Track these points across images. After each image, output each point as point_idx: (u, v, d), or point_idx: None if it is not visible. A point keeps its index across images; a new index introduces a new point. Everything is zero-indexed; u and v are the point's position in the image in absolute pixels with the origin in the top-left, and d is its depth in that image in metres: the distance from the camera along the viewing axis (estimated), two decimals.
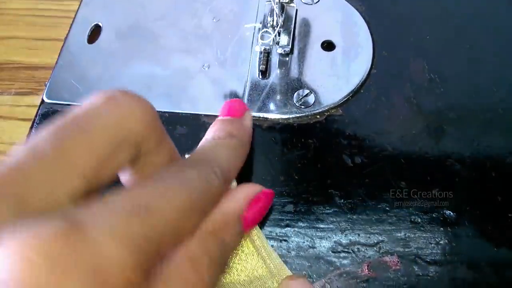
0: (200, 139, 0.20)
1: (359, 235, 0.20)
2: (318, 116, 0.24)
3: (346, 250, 0.20)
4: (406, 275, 0.19)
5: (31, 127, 0.24)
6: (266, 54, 0.26)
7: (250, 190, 0.19)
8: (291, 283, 0.19)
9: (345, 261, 0.20)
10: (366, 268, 0.20)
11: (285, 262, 0.20)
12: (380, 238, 0.20)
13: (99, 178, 0.14)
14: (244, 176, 0.21)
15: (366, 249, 0.20)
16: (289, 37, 0.26)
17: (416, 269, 0.20)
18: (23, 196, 0.13)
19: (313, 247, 0.20)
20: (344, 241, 0.20)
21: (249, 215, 0.19)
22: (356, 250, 0.20)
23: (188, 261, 0.16)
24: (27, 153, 0.13)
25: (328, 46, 0.26)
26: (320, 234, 0.21)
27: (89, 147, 0.14)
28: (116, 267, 0.13)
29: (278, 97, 0.25)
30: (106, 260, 0.12)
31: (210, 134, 0.21)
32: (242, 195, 0.19)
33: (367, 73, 0.25)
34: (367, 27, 0.27)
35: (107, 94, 0.16)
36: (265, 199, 0.20)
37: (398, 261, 0.20)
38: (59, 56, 0.26)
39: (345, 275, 0.20)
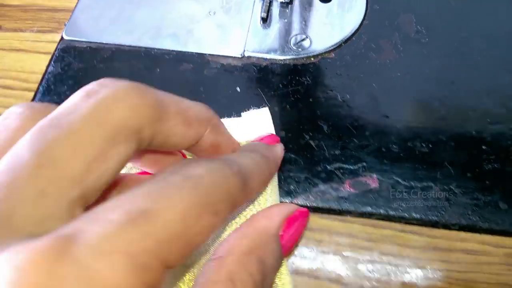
0: (204, 75, 0.22)
1: (344, 160, 0.23)
2: (312, 59, 0.26)
3: (331, 172, 0.22)
4: (383, 189, 0.22)
5: (51, 59, 0.26)
6: (268, 3, 0.28)
7: (285, 208, 0.18)
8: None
9: (329, 182, 0.22)
10: (348, 185, 0.22)
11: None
12: (364, 163, 0.23)
13: (97, 181, 0.12)
14: (242, 107, 0.23)
15: (349, 171, 0.22)
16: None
17: (393, 188, 0.22)
18: (9, 217, 0.11)
19: (302, 170, 0.23)
20: (329, 167, 0.23)
21: (287, 235, 0.18)
22: (339, 172, 0.22)
23: (229, 281, 0.15)
24: (6, 166, 0.11)
25: None
26: (309, 160, 0.23)
27: (74, 148, 0.12)
28: None
29: (277, 41, 0.27)
30: (99, 284, 0.10)
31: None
32: (278, 214, 0.18)
33: (359, 23, 0.27)
34: None
35: (86, 88, 0.13)
36: (302, 219, 0.18)
37: (376, 179, 0.22)
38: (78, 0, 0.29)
39: (327, 194, 0.22)
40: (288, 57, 0.26)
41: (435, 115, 0.24)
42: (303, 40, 0.27)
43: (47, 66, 0.26)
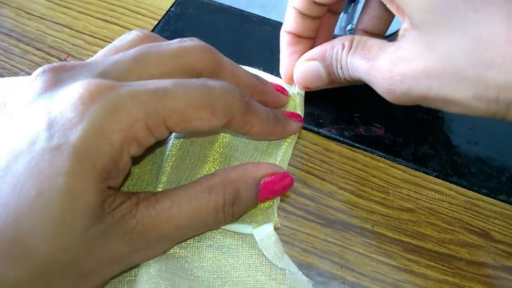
0: (278, 37, 0.31)
1: (363, 112, 0.30)
2: None
3: (352, 117, 0.30)
4: (387, 138, 0.29)
5: (174, 3, 0.37)
6: None
7: (275, 168, 0.24)
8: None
9: (349, 124, 0.30)
10: (361, 129, 0.30)
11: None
12: (378, 118, 0.30)
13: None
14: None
15: (365, 120, 0.30)
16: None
17: (396, 136, 0.29)
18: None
19: (331, 110, 0.31)
20: (352, 113, 0.30)
21: (266, 186, 0.23)
22: (357, 119, 0.30)
23: (208, 189, 0.22)
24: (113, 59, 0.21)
25: None
26: (339, 105, 0.31)
27: (158, 64, 0.21)
28: (127, 116, 0.18)
29: (338, 27, 0.35)
30: (123, 111, 0.18)
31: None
32: (267, 167, 0.24)
33: None
34: None
35: (181, 39, 0.23)
36: (286, 182, 0.24)
37: (383, 130, 0.30)
38: None
39: (345, 131, 0.30)
40: None
41: None
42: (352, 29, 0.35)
43: (170, 7, 0.36)
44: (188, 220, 0.21)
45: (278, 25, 0.35)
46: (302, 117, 0.29)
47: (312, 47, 0.28)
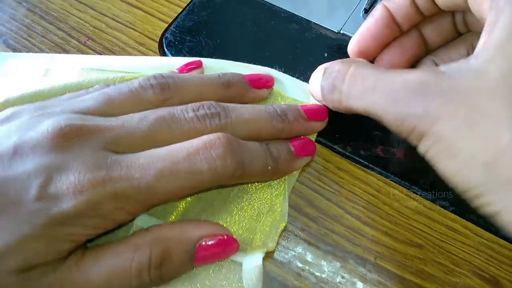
0: (304, 36, 0.28)
1: (384, 132, 0.28)
2: None
3: (371, 135, 0.28)
4: (406, 162, 0.27)
5: None
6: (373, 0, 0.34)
7: (219, 229, 0.23)
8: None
9: (366, 142, 0.28)
10: (379, 149, 0.28)
11: None
12: (399, 140, 0.28)
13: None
14: None
15: (385, 141, 0.28)
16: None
17: (416, 162, 0.27)
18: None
19: (349, 126, 0.29)
20: (370, 131, 0.29)
21: (203, 249, 0.22)
22: (377, 138, 0.28)
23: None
24: None
25: None
26: (358, 120, 0.29)
27: (170, 143, 0.22)
28: (102, 213, 0.20)
29: None
30: (99, 202, 0.19)
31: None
32: (208, 228, 0.22)
33: None
34: None
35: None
36: (229, 248, 0.22)
37: (403, 154, 0.28)
38: None
39: (361, 149, 0.28)
40: None
41: None
42: None
43: None
44: (108, 281, 0.20)
45: (306, 23, 0.33)
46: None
47: (382, 47, 0.26)
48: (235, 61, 0.30)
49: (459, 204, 0.26)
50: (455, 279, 0.24)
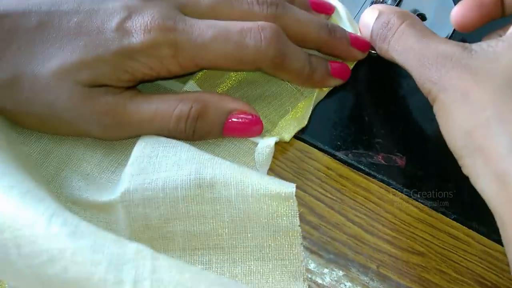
0: None
1: (384, 139, 0.28)
2: None
3: (372, 143, 0.28)
4: (408, 170, 0.27)
5: None
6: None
7: (251, 108, 0.26)
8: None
9: (368, 150, 0.28)
10: (381, 157, 0.28)
11: None
12: (400, 146, 0.28)
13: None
14: None
15: (386, 148, 0.28)
16: (394, 3, 0.34)
17: (417, 169, 0.27)
18: None
19: (350, 133, 0.29)
20: (372, 139, 0.29)
21: (234, 121, 0.25)
22: (378, 145, 0.28)
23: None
24: None
25: (420, 17, 0.34)
26: (358, 128, 0.29)
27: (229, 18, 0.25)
28: (165, 54, 0.24)
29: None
30: (168, 44, 0.23)
31: None
32: (242, 104, 0.26)
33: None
34: None
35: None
36: (254, 128, 0.26)
37: (404, 161, 0.28)
38: None
39: (362, 157, 0.28)
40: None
41: None
42: None
43: None
44: (152, 118, 0.24)
45: None
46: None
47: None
48: None
49: (461, 212, 0.26)
50: None
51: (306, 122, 0.28)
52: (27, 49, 0.23)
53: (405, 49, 0.24)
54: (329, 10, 0.31)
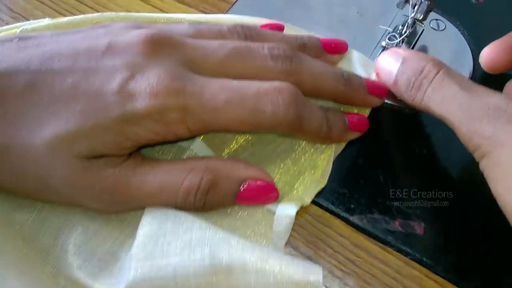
0: None
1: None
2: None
3: (388, 207, 0.26)
4: (426, 239, 0.25)
5: None
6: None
7: (265, 175, 0.24)
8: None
9: (384, 214, 0.26)
10: (398, 223, 0.26)
11: None
12: (418, 212, 0.26)
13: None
14: None
15: (403, 213, 0.26)
16: (409, 47, 0.32)
17: (437, 238, 0.25)
18: None
19: (365, 195, 0.27)
20: (388, 202, 0.26)
21: (248, 190, 0.23)
22: (395, 210, 0.26)
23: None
24: None
25: None
26: (374, 190, 0.27)
27: (242, 74, 0.24)
28: (173, 121, 0.22)
29: None
30: (175, 109, 0.21)
31: None
32: (256, 171, 0.24)
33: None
34: (472, 63, 0.32)
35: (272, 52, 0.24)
36: (269, 196, 0.24)
37: (423, 228, 0.26)
38: None
39: (378, 223, 0.26)
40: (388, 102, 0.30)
41: None
42: None
43: None
44: (159, 191, 0.22)
45: None
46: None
47: None
48: None
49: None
50: None
51: (326, 182, 0.26)
52: (15, 115, 0.21)
53: (447, 99, 0.22)
54: (342, 50, 0.30)
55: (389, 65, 0.26)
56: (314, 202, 0.26)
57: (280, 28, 0.30)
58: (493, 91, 0.22)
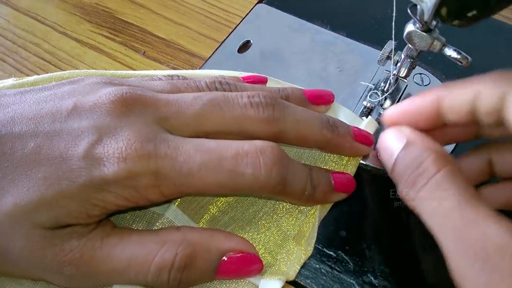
0: None
1: (390, 281, 0.24)
2: None
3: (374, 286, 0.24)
4: None
5: None
6: (369, 110, 0.31)
7: (247, 245, 0.23)
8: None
9: None
10: None
11: None
12: None
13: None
14: None
15: None
16: (392, 104, 0.31)
17: None
18: None
19: (349, 273, 0.24)
20: (374, 281, 0.24)
21: (229, 263, 0.21)
22: None
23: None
24: None
25: None
26: (358, 267, 0.25)
27: (220, 125, 0.22)
28: (144, 185, 0.20)
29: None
30: (147, 174, 0.20)
31: None
32: (237, 242, 0.22)
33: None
34: None
35: (247, 99, 0.22)
36: (253, 267, 0.22)
37: None
38: (213, 53, 0.33)
39: None
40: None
41: None
42: None
43: None
44: (126, 267, 0.20)
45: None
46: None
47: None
48: None
49: None
50: None
51: (311, 251, 0.24)
52: None
53: (438, 214, 0.18)
54: (328, 101, 0.28)
55: (391, 146, 0.22)
56: (294, 282, 0.24)
57: (263, 81, 0.29)
58: (491, 219, 0.17)
